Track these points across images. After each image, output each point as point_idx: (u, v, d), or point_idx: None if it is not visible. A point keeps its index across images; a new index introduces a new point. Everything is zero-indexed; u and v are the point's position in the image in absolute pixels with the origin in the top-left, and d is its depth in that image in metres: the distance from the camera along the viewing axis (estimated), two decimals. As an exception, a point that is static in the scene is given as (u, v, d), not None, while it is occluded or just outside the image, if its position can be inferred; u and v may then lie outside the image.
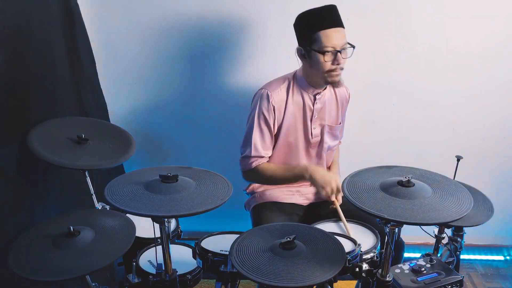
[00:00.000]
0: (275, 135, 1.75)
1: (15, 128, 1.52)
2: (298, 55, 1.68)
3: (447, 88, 2.14)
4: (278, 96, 1.70)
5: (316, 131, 1.77)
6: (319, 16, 1.58)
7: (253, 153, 1.72)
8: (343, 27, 1.60)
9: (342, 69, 1.63)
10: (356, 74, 1.94)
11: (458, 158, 1.54)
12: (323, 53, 1.57)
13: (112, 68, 2.13)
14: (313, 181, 1.65)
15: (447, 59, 2.08)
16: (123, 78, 2.16)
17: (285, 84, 1.72)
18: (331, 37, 1.56)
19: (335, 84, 1.67)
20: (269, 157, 1.78)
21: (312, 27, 1.58)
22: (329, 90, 1.78)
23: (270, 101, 1.68)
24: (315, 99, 1.73)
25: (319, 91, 1.73)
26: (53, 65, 1.73)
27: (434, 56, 2.08)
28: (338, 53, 1.58)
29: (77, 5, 1.86)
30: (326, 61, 1.58)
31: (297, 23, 1.65)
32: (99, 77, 2.10)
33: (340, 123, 1.85)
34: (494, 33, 2.03)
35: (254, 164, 1.73)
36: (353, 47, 1.60)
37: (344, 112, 1.87)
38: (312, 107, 1.74)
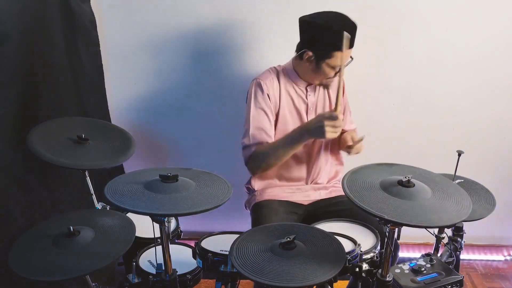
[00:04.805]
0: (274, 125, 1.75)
1: (15, 128, 1.52)
2: (299, 54, 1.66)
3: (447, 88, 2.14)
4: (270, 84, 1.72)
5: None
6: (342, 37, 1.52)
7: (251, 141, 1.69)
8: None
9: None
10: (356, 74, 1.94)
11: (459, 153, 1.53)
12: (334, 69, 1.63)
13: (112, 68, 2.13)
14: (309, 127, 1.59)
15: (447, 59, 2.08)
16: (123, 78, 2.16)
17: (275, 75, 1.75)
18: (344, 57, 1.60)
19: (327, 87, 1.77)
20: None
21: (333, 44, 1.57)
22: None
23: (264, 88, 1.70)
24: (307, 91, 1.75)
25: (310, 84, 1.75)
26: (53, 65, 1.73)
27: (434, 56, 2.08)
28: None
29: (78, 5, 1.85)
30: (332, 74, 1.66)
31: (314, 29, 1.61)
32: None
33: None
34: (494, 33, 2.03)
35: (253, 150, 1.70)
36: (352, 59, 1.66)
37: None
38: (306, 100, 1.76)
